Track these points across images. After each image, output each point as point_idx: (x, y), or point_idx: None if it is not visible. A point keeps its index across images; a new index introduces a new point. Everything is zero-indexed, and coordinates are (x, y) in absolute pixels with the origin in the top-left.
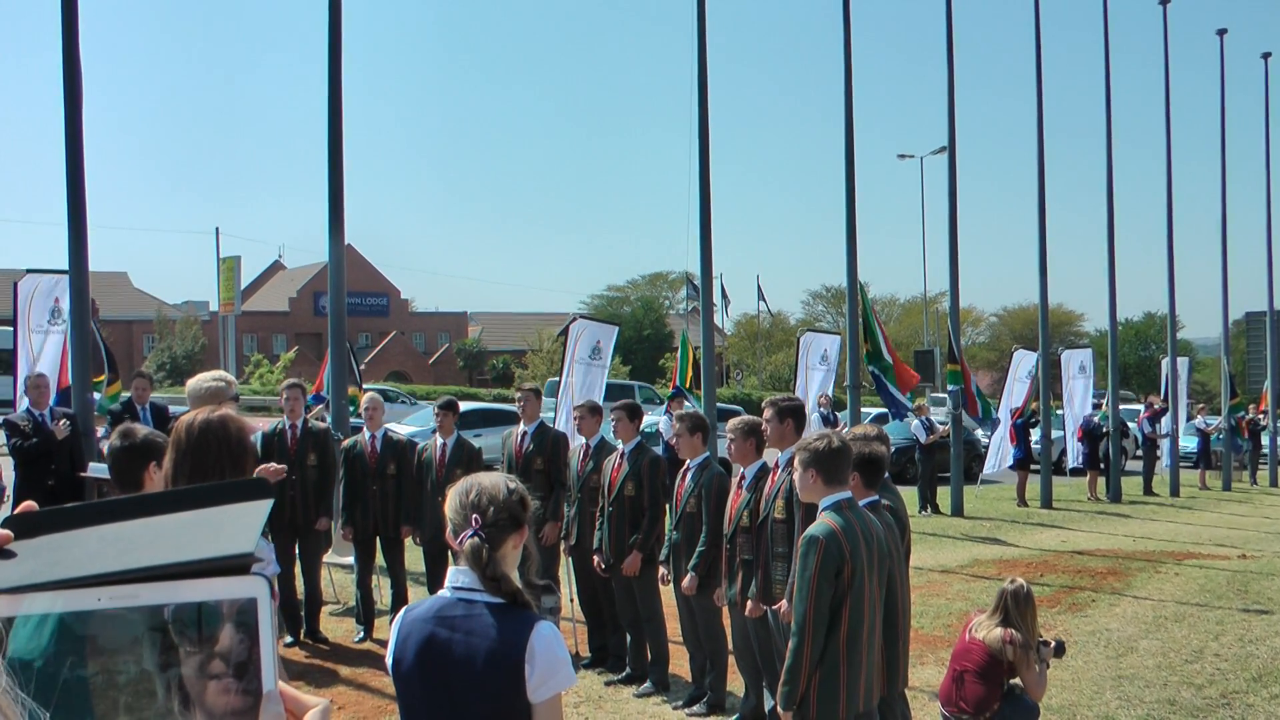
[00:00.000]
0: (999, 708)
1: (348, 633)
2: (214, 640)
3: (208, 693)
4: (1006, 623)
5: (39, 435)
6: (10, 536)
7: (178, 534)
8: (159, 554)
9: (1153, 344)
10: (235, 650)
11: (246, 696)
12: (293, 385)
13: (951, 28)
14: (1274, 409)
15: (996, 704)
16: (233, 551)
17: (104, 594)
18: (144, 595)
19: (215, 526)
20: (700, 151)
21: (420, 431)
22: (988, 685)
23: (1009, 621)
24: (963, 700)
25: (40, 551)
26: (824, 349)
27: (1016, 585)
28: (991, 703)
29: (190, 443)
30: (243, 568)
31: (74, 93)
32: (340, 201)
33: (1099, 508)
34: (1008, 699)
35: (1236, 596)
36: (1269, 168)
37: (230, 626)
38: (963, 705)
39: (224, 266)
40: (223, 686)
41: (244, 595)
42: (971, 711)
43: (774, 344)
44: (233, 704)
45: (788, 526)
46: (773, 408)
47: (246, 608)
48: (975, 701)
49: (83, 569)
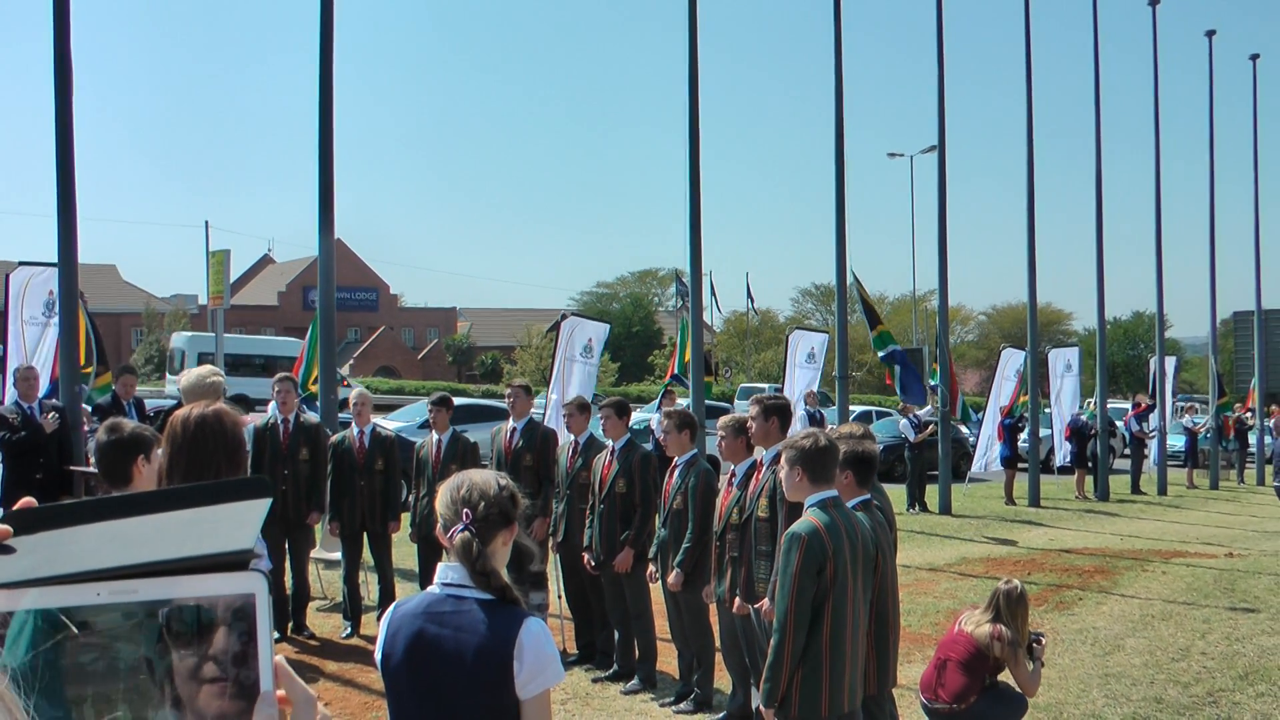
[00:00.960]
0: (975, 700)
1: (335, 628)
2: (207, 642)
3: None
4: (997, 621)
5: (27, 428)
6: (10, 532)
7: (177, 530)
8: (158, 550)
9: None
10: (230, 651)
11: (239, 700)
12: (284, 379)
13: (942, 27)
14: (1260, 407)
15: (974, 696)
16: (232, 548)
17: (103, 589)
18: (143, 590)
19: (214, 523)
20: (690, 148)
21: (406, 427)
22: (969, 677)
23: (1000, 620)
24: (941, 688)
25: (40, 547)
26: (811, 347)
27: (1010, 585)
28: (969, 694)
29: (187, 437)
30: (241, 564)
31: (64, 84)
32: (330, 196)
33: (1087, 506)
34: (989, 693)
35: (1224, 595)
36: (1257, 168)
37: (225, 628)
38: (940, 693)
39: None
40: (215, 690)
41: (242, 591)
42: (948, 700)
43: (763, 341)
44: (225, 708)
45: (770, 525)
46: (758, 405)
47: (243, 604)
48: (953, 691)
49: (82, 564)
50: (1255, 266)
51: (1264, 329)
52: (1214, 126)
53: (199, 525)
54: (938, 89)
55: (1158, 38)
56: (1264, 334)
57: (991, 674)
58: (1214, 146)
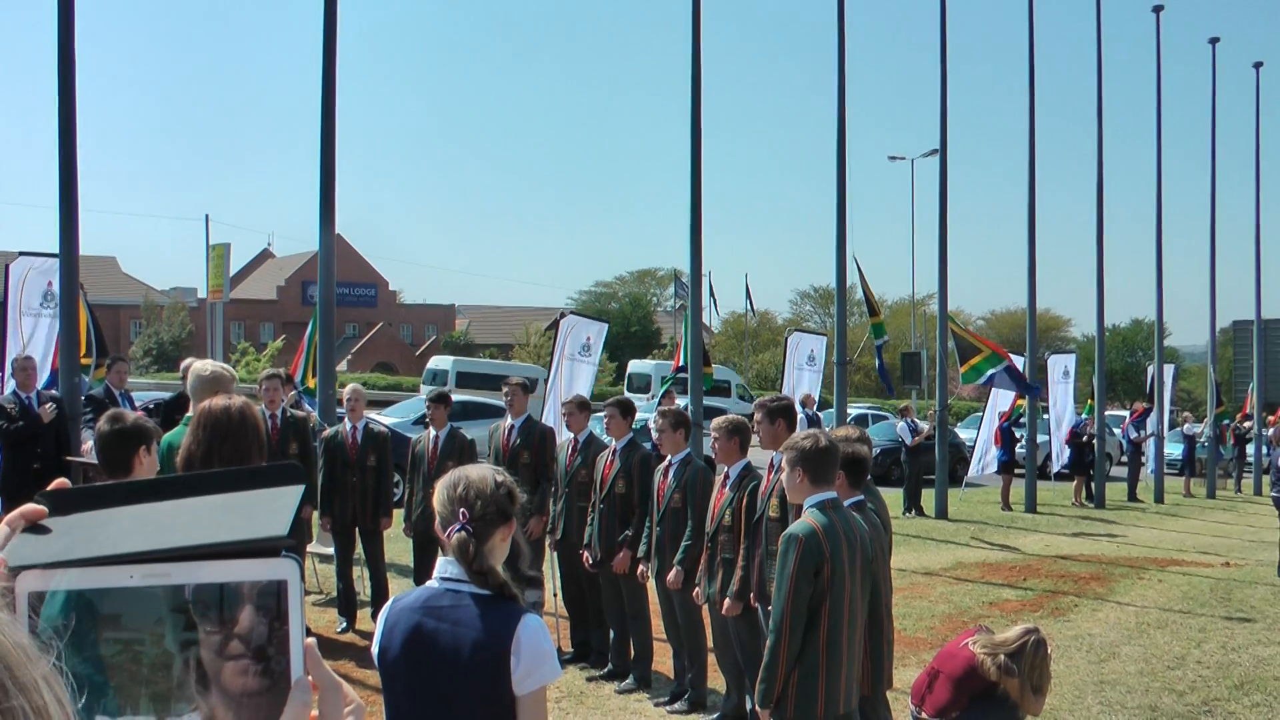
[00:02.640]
0: (957, 716)
1: (330, 623)
2: (234, 621)
3: (225, 673)
4: (1013, 658)
5: (25, 418)
6: (45, 512)
7: (212, 515)
8: (193, 534)
9: (1140, 351)
10: (256, 632)
11: (264, 679)
12: (271, 375)
13: (945, 31)
14: (1259, 415)
15: (956, 713)
16: (266, 534)
17: (136, 571)
18: (176, 574)
19: (250, 509)
20: (692, 149)
21: (401, 423)
22: (954, 693)
23: (1016, 658)
24: (927, 695)
25: (74, 528)
26: (811, 349)
27: (1040, 638)
28: (951, 710)
29: (233, 426)
30: (274, 550)
31: (68, 77)
32: (331, 191)
33: (1083, 513)
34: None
35: (1220, 604)
36: (1259, 176)
37: (251, 608)
38: (922, 704)
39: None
40: (240, 668)
41: (275, 577)
42: (930, 713)
43: (761, 343)
44: (249, 685)
45: (782, 525)
46: (762, 409)
47: (271, 589)
48: (937, 704)
49: (116, 547)
50: (1256, 275)
51: (1263, 338)
52: (1216, 134)
53: (234, 510)
54: (940, 93)
55: (1161, 44)
56: (1263, 343)
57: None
58: (1216, 154)
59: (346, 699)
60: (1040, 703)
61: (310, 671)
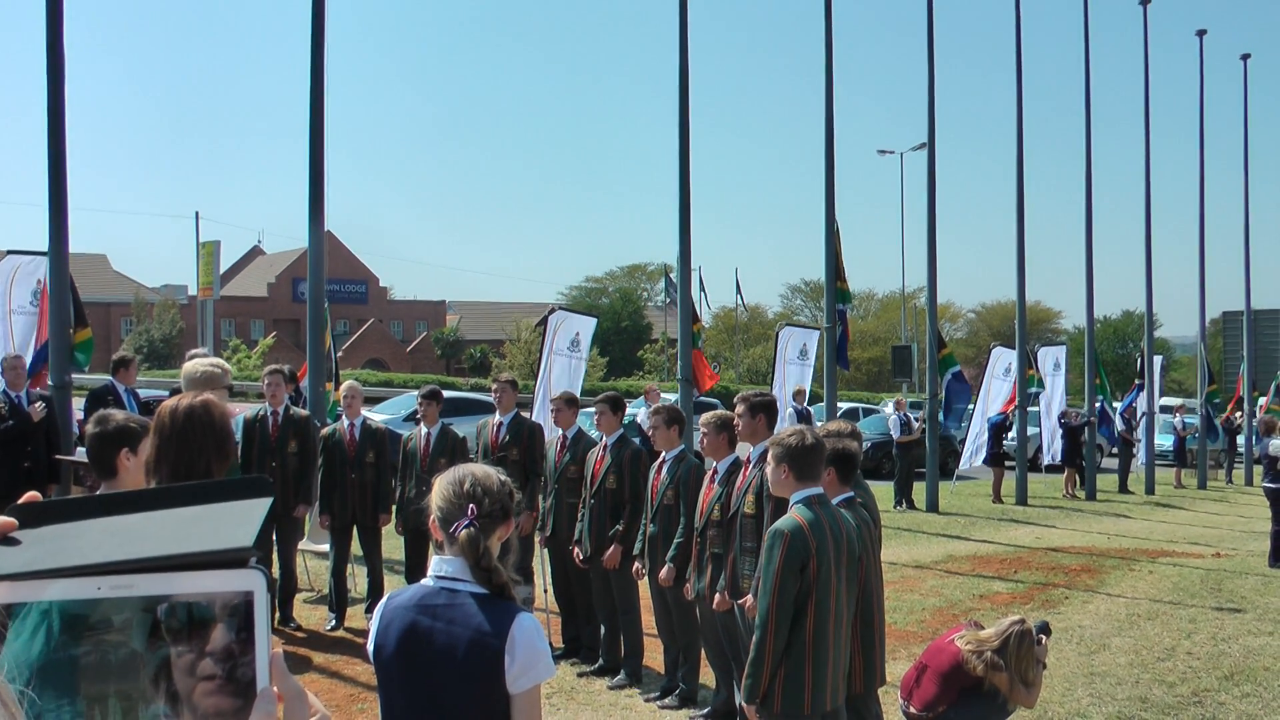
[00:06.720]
0: (944, 710)
1: (321, 620)
2: (204, 639)
3: (195, 692)
4: (999, 653)
5: (15, 417)
6: (15, 524)
7: (179, 527)
8: (159, 545)
9: (1130, 342)
10: (226, 648)
11: (235, 698)
12: (274, 371)
13: (932, 25)
14: (1248, 405)
15: (942, 707)
16: (232, 545)
17: (104, 583)
18: (141, 585)
19: (216, 521)
20: (681, 144)
21: (392, 419)
22: (941, 688)
23: (1001, 653)
24: (915, 689)
25: (44, 540)
26: (803, 343)
27: (1025, 629)
28: (938, 705)
29: (176, 428)
30: (240, 561)
31: (57, 74)
32: (321, 188)
33: (1074, 505)
34: (960, 703)
35: (1210, 595)
36: (1247, 168)
37: (222, 626)
38: (910, 699)
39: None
40: (211, 686)
41: (241, 588)
42: (918, 707)
43: (752, 337)
44: (220, 705)
45: (756, 521)
46: (744, 403)
47: (241, 602)
48: (924, 699)
49: (84, 558)
50: (1245, 266)
51: (1253, 329)
52: (1204, 126)
53: (201, 522)
54: (928, 86)
55: (1149, 37)
56: (1253, 334)
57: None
58: (1204, 146)
59: (312, 709)
60: (1033, 696)
61: (275, 681)
